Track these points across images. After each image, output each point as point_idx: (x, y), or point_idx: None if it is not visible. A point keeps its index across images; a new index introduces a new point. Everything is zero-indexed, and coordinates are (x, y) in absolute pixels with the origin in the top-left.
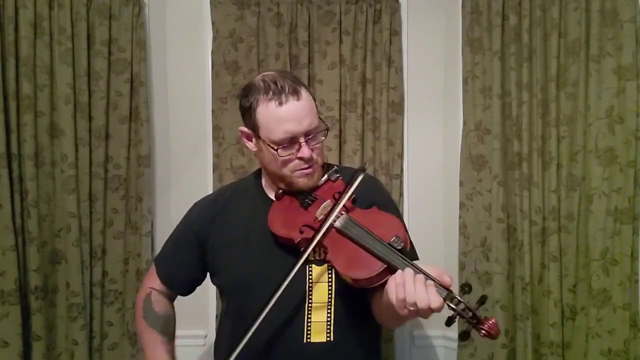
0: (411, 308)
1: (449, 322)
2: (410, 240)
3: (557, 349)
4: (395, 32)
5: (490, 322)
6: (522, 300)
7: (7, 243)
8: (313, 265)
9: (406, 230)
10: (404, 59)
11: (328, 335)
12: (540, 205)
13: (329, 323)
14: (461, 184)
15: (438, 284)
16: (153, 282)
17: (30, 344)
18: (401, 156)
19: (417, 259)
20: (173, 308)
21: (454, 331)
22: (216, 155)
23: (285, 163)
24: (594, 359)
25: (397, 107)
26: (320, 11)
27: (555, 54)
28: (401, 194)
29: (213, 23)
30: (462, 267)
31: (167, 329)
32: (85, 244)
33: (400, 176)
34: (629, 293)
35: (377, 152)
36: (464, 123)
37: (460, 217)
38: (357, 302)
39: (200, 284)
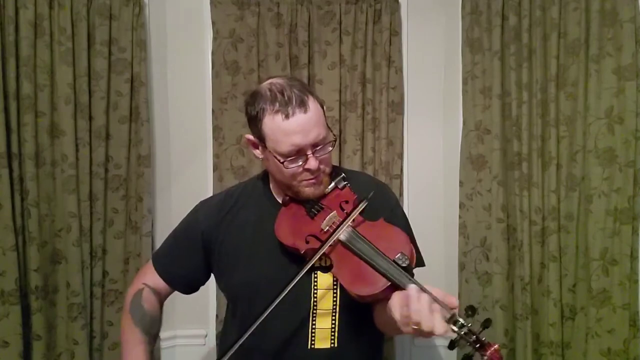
0: (414, 327)
1: (452, 345)
2: (417, 247)
3: (556, 349)
4: (395, 32)
5: (493, 349)
6: (522, 300)
7: (8, 243)
8: (319, 273)
9: (413, 242)
10: (404, 59)
11: (332, 341)
12: (540, 205)
13: (333, 330)
14: (461, 184)
15: (442, 305)
16: (148, 278)
17: (31, 344)
18: (401, 156)
19: (422, 265)
20: (161, 310)
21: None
22: (216, 156)
23: (292, 174)
24: (593, 358)
25: (397, 107)
26: (320, 11)
27: (555, 54)
28: (401, 194)
29: (213, 23)
30: (462, 267)
31: (151, 330)
32: (85, 243)
33: (400, 176)
34: (629, 293)
35: (377, 152)
36: (464, 123)
37: (460, 217)
38: (361, 309)
39: (202, 284)
